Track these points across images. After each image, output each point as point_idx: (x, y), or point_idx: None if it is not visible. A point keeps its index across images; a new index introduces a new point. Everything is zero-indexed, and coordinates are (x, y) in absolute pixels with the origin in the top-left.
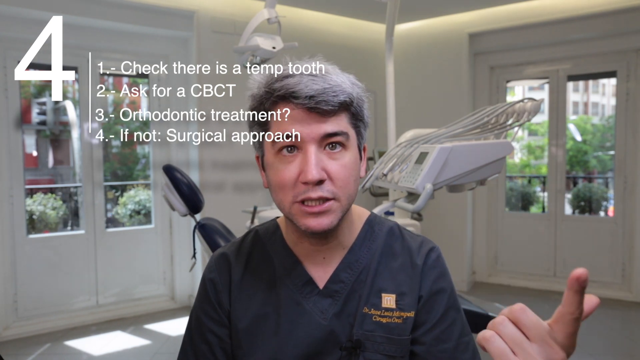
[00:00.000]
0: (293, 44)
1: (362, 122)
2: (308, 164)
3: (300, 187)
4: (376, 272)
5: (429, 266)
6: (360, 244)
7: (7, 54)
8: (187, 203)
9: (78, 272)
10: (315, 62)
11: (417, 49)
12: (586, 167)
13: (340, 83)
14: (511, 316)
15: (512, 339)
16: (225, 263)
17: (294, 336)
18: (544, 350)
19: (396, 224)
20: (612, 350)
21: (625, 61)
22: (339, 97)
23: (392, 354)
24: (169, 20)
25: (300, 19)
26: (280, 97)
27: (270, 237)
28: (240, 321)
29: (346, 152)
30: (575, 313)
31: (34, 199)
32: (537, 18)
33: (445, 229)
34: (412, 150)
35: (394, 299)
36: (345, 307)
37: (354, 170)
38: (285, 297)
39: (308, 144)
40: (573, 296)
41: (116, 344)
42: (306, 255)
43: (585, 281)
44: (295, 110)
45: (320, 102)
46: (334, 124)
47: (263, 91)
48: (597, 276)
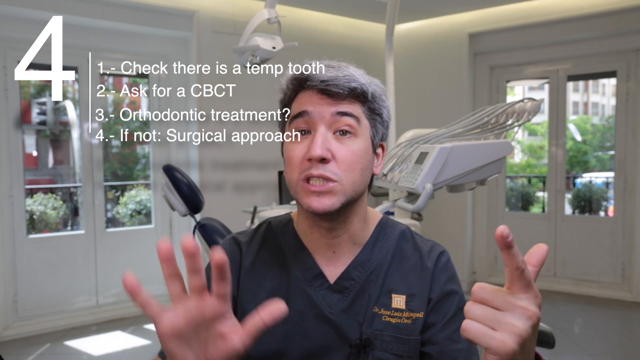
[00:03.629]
0: (293, 44)
1: (379, 118)
2: (314, 142)
3: (305, 164)
4: (387, 273)
5: (440, 269)
6: (373, 245)
7: (7, 54)
8: (187, 203)
9: (78, 272)
10: (338, 62)
11: (417, 49)
12: (586, 167)
13: (355, 74)
14: (474, 298)
15: (484, 317)
16: (236, 248)
17: (302, 327)
18: (516, 313)
19: (408, 228)
20: (612, 350)
21: (625, 61)
22: (350, 83)
23: (401, 354)
24: (169, 20)
25: (300, 19)
26: (298, 85)
27: (282, 228)
28: (248, 306)
29: (356, 139)
30: (518, 265)
31: (34, 199)
32: (537, 18)
33: (445, 229)
34: (412, 150)
35: (404, 300)
36: (354, 304)
37: (362, 158)
38: (295, 288)
39: (318, 124)
40: (507, 253)
41: (116, 344)
42: (317, 249)
43: (509, 235)
44: (310, 92)
45: (331, 85)
46: (346, 106)
47: (286, 82)
48: (597, 276)
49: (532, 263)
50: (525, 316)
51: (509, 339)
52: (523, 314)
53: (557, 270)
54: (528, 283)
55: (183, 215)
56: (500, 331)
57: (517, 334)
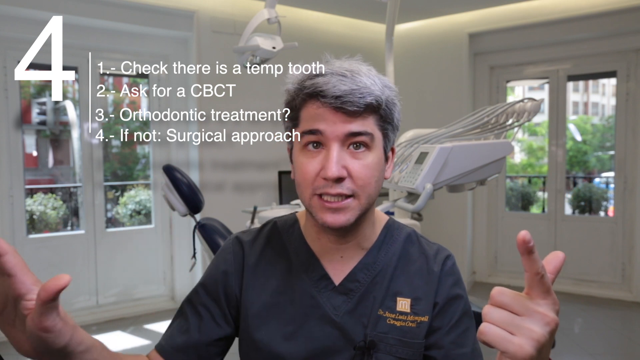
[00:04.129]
0: (293, 44)
1: (390, 125)
2: (329, 161)
3: (320, 182)
4: (392, 276)
5: (446, 273)
6: (379, 247)
7: (7, 54)
8: (187, 203)
9: (78, 272)
10: (351, 62)
11: (417, 49)
12: (586, 167)
13: (369, 85)
14: (493, 302)
15: (503, 321)
16: (239, 247)
17: (306, 328)
18: (535, 318)
19: (413, 231)
20: (612, 350)
21: (625, 61)
22: (365, 98)
23: (405, 357)
24: (169, 20)
25: (300, 19)
26: (309, 94)
27: (287, 229)
28: (252, 305)
29: (370, 153)
30: (537, 271)
31: (34, 199)
32: (537, 18)
33: (445, 229)
34: (412, 150)
35: (408, 303)
36: (359, 306)
37: (376, 171)
38: (299, 289)
39: (332, 142)
40: (527, 258)
41: (116, 344)
42: (324, 252)
43: (530, 241)
44: (322, 108)
45: (346, 103)
46: (359, 124)
47: (295, 87)
48: (597, 276)
49: (549, 270)
50: (544, 322)
51: (527, 344)
52: (541, 320)
53: None
54: (547, 289)
55: (183, 215)
56: (519, 336)
57: (536, 339)
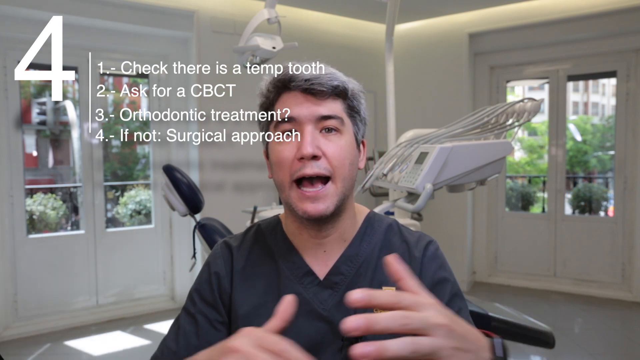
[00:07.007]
0: (293, 44)
1: (358, 115)
2: (303, 141)
3: (296, 165)
4: (376, 266)
5: (429, 258)
6: (361, 239)
7: (7, 54)
8: (187, 203)
9: (78, 272)
10: (315, 62)
11: (417, 49)
12: (586, 167)
13: (335, 72)
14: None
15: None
16: (228, 252)
17: (295, 325)
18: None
19: (395, 221)
20: (612, 350)
21: (625, 61)
22: (332, 82)
23: None
24: (169, 20)
25: (300, 19)
26: (280, 85)
27: (271, 230)
28: (241, 308)
29: (342, 136)
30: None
31: (34, 199)
32: (537, 18)
33: (445, 229)
34: (412, 150)
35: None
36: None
37: (350, 153)
38: (285, 287)
39: (304, 125)
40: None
41: (116, 344)
42: (306, 248)
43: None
44: (293, 92)
45: (315, 84)
46: (328, 107)
47: (268, 85)
48: (597, 276)
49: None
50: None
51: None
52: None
53: (557, 270)
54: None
55: (183, 215)
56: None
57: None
